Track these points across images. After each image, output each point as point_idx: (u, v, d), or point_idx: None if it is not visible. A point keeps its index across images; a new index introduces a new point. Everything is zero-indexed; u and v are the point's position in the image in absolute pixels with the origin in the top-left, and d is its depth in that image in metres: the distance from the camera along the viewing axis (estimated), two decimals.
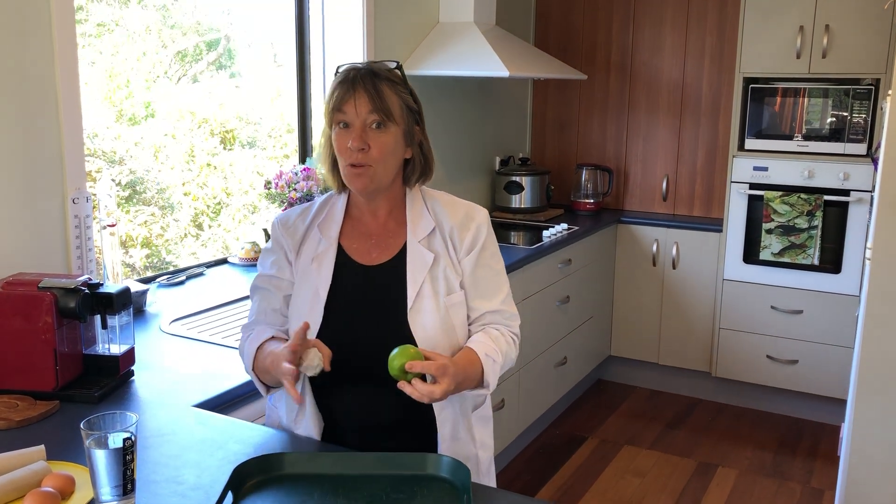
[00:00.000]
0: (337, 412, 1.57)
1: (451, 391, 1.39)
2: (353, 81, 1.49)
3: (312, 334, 1.53)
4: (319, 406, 1.57)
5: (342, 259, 1.58)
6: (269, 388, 1.59)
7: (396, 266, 1.57)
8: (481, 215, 1.63)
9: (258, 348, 1.54)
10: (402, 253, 1.58)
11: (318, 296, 1.55)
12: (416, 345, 1.50)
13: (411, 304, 1.53)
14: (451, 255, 1.59)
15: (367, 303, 1.56)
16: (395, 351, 1.39)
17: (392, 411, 1.55)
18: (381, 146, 1.50)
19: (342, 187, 1.61)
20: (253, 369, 1.57)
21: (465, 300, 1.60)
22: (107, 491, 1.21)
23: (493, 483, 1.72)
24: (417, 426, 1.57)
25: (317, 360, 1.41)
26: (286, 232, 1.62)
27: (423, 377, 1.39)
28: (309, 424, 1.57)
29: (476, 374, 1.50)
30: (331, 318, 1.54)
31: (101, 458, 1.20)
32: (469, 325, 1.61)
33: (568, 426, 3.93)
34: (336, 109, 1.49)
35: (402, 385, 1.37)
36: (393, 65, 1.57)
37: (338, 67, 1.56)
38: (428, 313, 1.53)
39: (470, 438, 1.62)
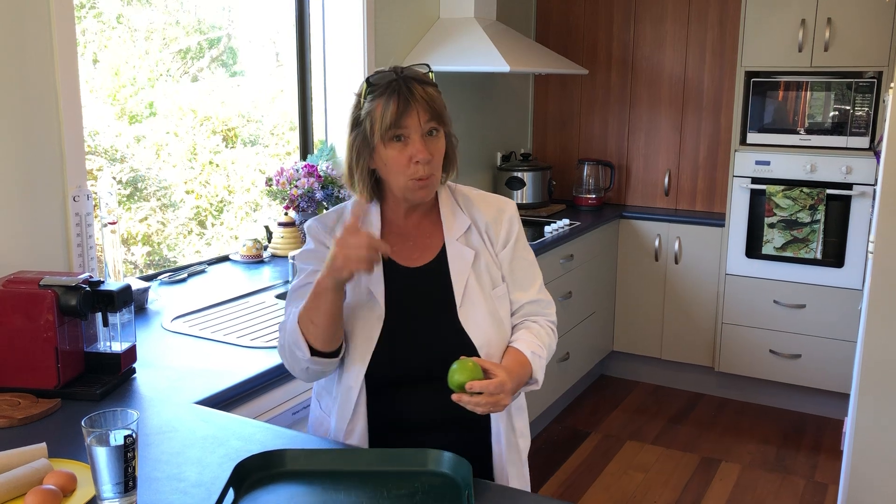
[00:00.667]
0: (394, 414, 1.54)
1: (507, 405, 1.41)
2: (409, 92, 1.45)
3: (374, 337, 1.50)
4: (375, 409, 1.54)
5: (385, 262, 1.54)
6: (314, 352, 1.46)
7: (439, 266, 1.56)
8: (511, 207, 1.63)
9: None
10: (443, 253, 1.56)
11: (374, 297, 1.52)
12: (473, 345, 1.51)
13: (460, 302, 1.52)
14: (490, 250, 1.59)
15: (417, 304, 1.54)
16: (455, 366, 1.39)
17: (449, 410, 1.49)
18: (439, 151, 1.50)
19: (372, 197, 1.56)
20: (299, 323, 1.46)
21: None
22: (108, 488, 1.21)
23: (527, 473, 1.70)
24: (470, 423, 1.54)
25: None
26: (329, 234, 1.56)
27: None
28: (361, 431, 1.53)
29: (527, 374, 1.51)
30: (387, 320, 1.51)
31: (102, 455, 1.20)
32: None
33: (571, 421, 3.93)
34: (394, 125, 1.44)
35: (460, 398, 1.38)
36: (425, 69, 1.53)
37: (368, 79, 1.49)
38: (478, 308, 1.53)
39: (511, 429, 1.61)
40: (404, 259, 1.56)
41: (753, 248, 3.94)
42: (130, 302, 1.77)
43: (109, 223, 2.15)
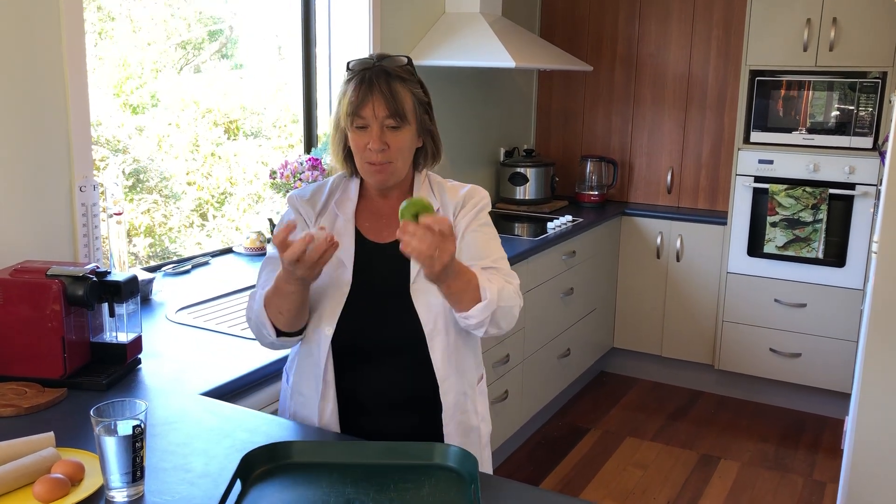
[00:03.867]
0: (355, 392, 1.59)
1: (446, 261, 1.35)
2: (370, 84, 1.51)
3: (341, 302, 1.56)
4: (338, 388, 1.59)
5: (357, 236, 1.62)
6: (279, 332, 1.54)
7: None
8: (482, 194, 1.69)
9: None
10: None
11: (344, 265, 1.58)
12: (419, 322, 1.55)
13: (413, 279, 1.57)
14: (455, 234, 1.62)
15: (379, 279, 1.60)
16: (407, 202, 1.36)
17: (400, 388, 1.59)
18: (399, 143, 1.54)
19: (354, 172, 1.65)
20: (265, 307, 1.51)
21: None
22: (116, 478, 1.22)
23: (489, 457, 1.77)
24: (423, 402, 1.61)
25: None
26: (306, 203, 1.65)
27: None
28: (332, 415, 1.58)
29: (472, 280, 1.47)
30: (353, 289, 1.57)
31: (111, 445, 1.20)
32: None
33: (570, 417, 3.94)
34: (354, 114, 1.52)
35: (406, 225, 1.34)
36: (404, 60, 1.59)
37: (348, 63, 1.58)
38: (431, 288, 1.55)
39: (474, 411, 1.68)
40: (375, 235, 1.63)
41: (755, 247, 3.94)
42: (137, 293, 1.77)
43: (115, 214, 2.16)
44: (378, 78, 1.52)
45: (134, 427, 1.21)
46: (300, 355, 1.63)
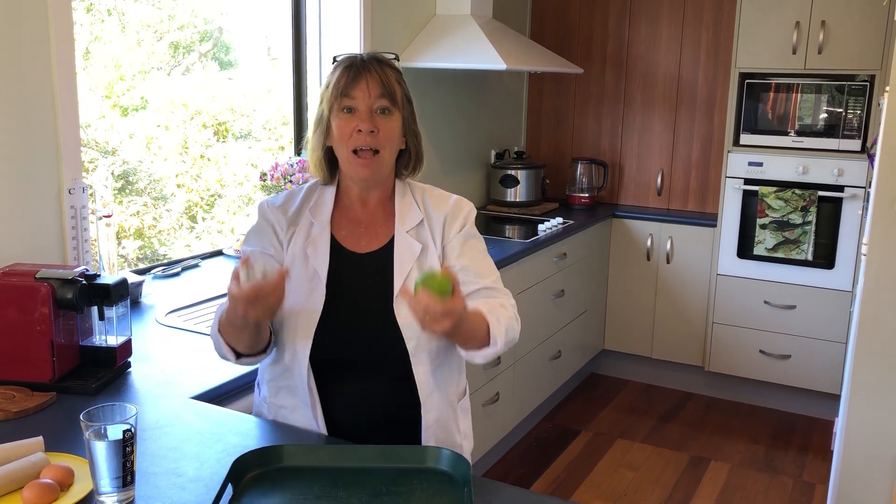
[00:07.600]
0: (331, 409, 1.55)
1: (440, 331, 1.31)
2: (362, 66, 1.50)
3: (317, 314, 1.51)
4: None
5: (333, 245, 1.57)
6: (238, 355, 1.51)
7: (385, 255, 1.57)
8: (469, 206, 1.65)
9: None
10: (391, 243, 1.58)
11: (319, 276, 1.52)
12: (402, 338, 1.51)
13: (397, 292, 1.53)
14: (438, 247, 1.59)
15: (356, 290, 1.55)
16: (426, 276, 1.31)
17: (379, 405, 1.56)
18: (388, 130, 1.51)
19: (329, 179, 1.60)
20: (220, 333, 1.49)
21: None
22: (106, 483, 1.21)
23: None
24: (404, 418, 1.57)
25: (258, 266, 1.30)
26: (277, 210, 1.59)
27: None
28: (322, 431, 1.55)
29: (481, 329, 1.45)
30: (328, 300, 1.52)
31: (100, 449, 1.19)
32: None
33: (561, 419, 3.94)
34: (343, 95, 1.49)
35: (410, 300, 1.30)
36: (392, 56, 1.59)
37: (335, 57, 1.56)
38: None
39: (456, 429, 1.64)
40: (352, 244, 1.58)
41: (745, 249, 3.95)
42: (126, 296, 1.76)
43: (104, 216, 2.14)
44: (369, 61, 1.51)
45: (124, 431, 1.21)
46: (275, 371, 1.57)
